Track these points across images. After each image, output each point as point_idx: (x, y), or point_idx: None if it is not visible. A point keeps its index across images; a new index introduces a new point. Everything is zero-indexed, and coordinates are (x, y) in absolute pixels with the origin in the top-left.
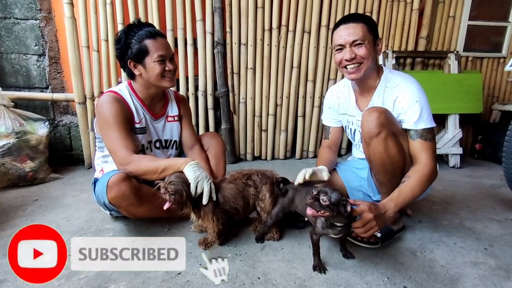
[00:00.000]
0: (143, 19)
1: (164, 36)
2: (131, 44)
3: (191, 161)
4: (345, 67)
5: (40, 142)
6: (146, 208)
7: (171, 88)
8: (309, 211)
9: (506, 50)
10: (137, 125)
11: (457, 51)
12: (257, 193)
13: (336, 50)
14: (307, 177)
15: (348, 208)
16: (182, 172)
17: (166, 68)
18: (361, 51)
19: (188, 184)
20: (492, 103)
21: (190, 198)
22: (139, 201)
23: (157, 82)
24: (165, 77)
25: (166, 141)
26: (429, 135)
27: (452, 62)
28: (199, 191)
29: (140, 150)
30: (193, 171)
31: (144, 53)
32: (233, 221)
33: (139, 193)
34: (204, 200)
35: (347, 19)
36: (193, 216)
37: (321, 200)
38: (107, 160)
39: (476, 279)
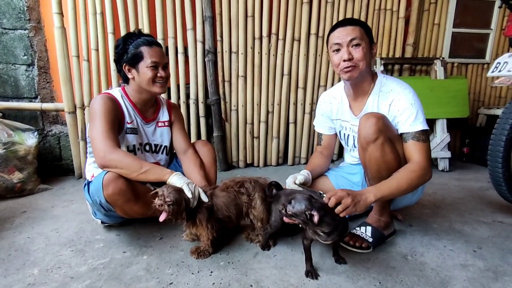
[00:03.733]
0: (133, 29)
1: (160, 46)
2: (128, 49)
3: (176, 172)
4: (342, 68)
5: (28, 152)
6: (141, 205)
7: (163, 96)
8: (284, 218)
9: (490, 56)
10: (129, 125)
11: (443, 58)
12: (250, 201)
13: (333, 51)
14: (297, 182)
15: (315, 219)
16: (166, 182)
17: (158, 74)
18: (358, 53)
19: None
20: (478, 107)
21: (187, 207)
22: (135, 197)
23: (148, 87)
24: (156, 83)
25: (156, 145)
26: (423, 136)
27: (438, 68)
28: (196, 194)
29: (131, 150)
30: (179, 178)
31: (139, 58)
32: (226, 229)
33: (135, 189)
34: (193, 203)
35: (344, 22)
36: (186, 225)
37: (287, 210)
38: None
39: (466, 281)
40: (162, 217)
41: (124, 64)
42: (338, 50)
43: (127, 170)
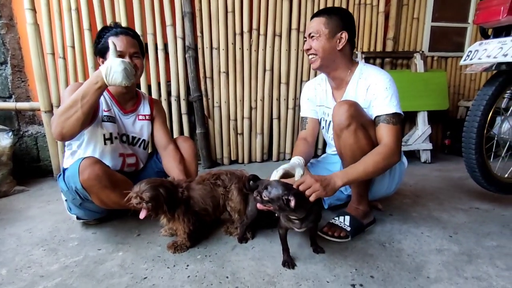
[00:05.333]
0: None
1: (128, 34)
2: (101, 41)
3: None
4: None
5: (3, 153)
6: (118, 194)
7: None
8: (258, 205)
9: None
10: (106, 113)
11: (423, 51)
12: (226, 193)
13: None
14: (277, 177)
15: (292, 203)
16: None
17: None
18: (314, 43)
19: (164, 186)
20: (458, 100)
21: (166, 200)
22: (112, 184)
23: None
24: None
25: (134, 137)
26: (393, 119)
27: (418, 62)
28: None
29: (108, 138)
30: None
31: (106, 48)
32: (203, 222)
33: (112, 177)
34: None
35: (316, 13)
36: (163, 219)
37: (262, 195)
38: (74, 154)
39: (440, 264)
40: (142, 215)
41: (98, 56)
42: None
43: (71, 111)
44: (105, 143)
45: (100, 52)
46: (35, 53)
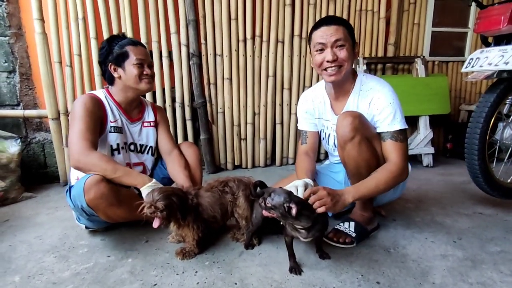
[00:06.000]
0: (116, 33)
1: (145, 46)
2: (113, 49)
3: (150, 182)
4: (325, 69)
5: (11, 160)
6: (125, 209)
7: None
8: (263, 212)
9: (468, 54)
10: (112, 124)
11: (424, 56)
12: (234, 200)
13: (316, 50)
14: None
15: (293, 211)
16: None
17: (144, 72)
18: (343, 53)
19: (176, 195)
20: (460, 104)
21: (179, 208)
22: (118, 201)
23: (135, 84)
24: (143, 79)
25: (141, 145)
26: (401, 136)
27: (419, 67)
28: None
29: (115, 149)
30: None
31: (125, 56)
32: (211, 229)
33: (118, 194)
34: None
35: (328, 20)
36: (173, 226)
37: (266, 202)
38: None
39: (445, 270)
40: (156, 224)
41: (110, 63)
42: (321, 50)
43: (101, 172)
44: (112, 154)
45: (117, 60)
46: (43, 61)
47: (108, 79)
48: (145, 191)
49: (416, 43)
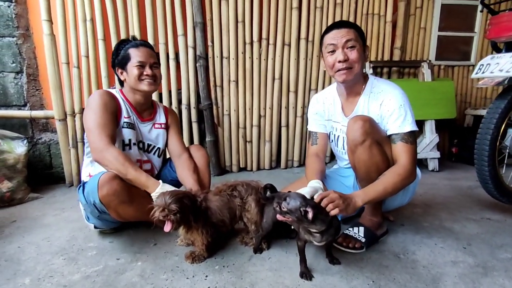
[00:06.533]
0: (123, 36)
1: (148, 46)
2: (120, 53)
3: (159, 186)
4: (337, 70)
5: (18, 161)
6: (135, 208)
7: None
8: (278, 216)
9: (474, 58)
10: (126, 119)
11: (430, 60)
12: (243, 204)
13: (328, 52)
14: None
15: (309, 215)
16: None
17: (144, 72)
18: (353, 54)
19: (188, 197)
20: (465, 108)
21: (191, 211)
22: (130, 199)
23: (136, 85)
24: (143, 80)
25: (149, 145)
26: (411, 138)
27: (425, 71)
28: None
29: (127, 144)
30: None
31: (127, 59)
32: (220, 233)
33: (129, 191)
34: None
35: (339, 24)
36: (182, 229)
37: (281, 206)
38: (94, 164)
39: (456, 277)
40: (168, 227)
41: (117, 67)
42: (333, 51)
43: (115, 171)
44: (123, 149)
45: (121, 63)
46: (50, 62)
47: (119, 81)
48: (155, 195)
49: (422, 47)
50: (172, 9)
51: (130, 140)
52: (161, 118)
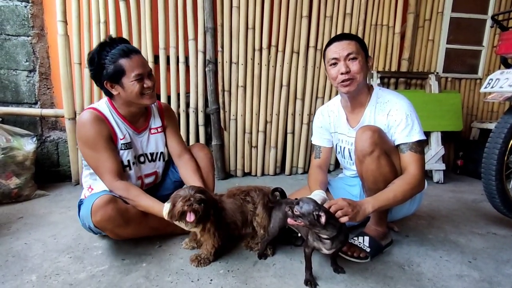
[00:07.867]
0: (136, 38)
1: (138, 52)
2: (105, 64)
3: (164, 207)
4: (340, 81)
5: (26, 158)
6: (133, 228)
7: None
8: (289, 220)
9: (482, 72)
10: (122, 141)
11: (437, 72)
12: (255, 209)
13: (330, 65)
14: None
15: (322, 219)
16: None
17: (145, 86)
18: (355, 66)
19: (207, 192)
20: (471, 121)
21: (212, 205)
22: (125, 222)
23: (137, 100)
24: (145, 94)
25: (152, 154)
26: (419, 148)
27: (432, 82)
28: None
29: (126, 165)
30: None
31: (121, 73)
32: (231, 236)
33: (125, 215)
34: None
35: (340, 37)
36: (196, 229)
37: (294, 210)
38: (96, 178)
39: None
40: (192, 217)
41: (105, 81)
42: (335, 64)
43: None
44: (123, 171)
45: (112, 77)
46: (63, 62)
47: (107, 94)
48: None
49: (430, 59)
50: (184, 14)
51: (129, 161)
52: (156, 122)
